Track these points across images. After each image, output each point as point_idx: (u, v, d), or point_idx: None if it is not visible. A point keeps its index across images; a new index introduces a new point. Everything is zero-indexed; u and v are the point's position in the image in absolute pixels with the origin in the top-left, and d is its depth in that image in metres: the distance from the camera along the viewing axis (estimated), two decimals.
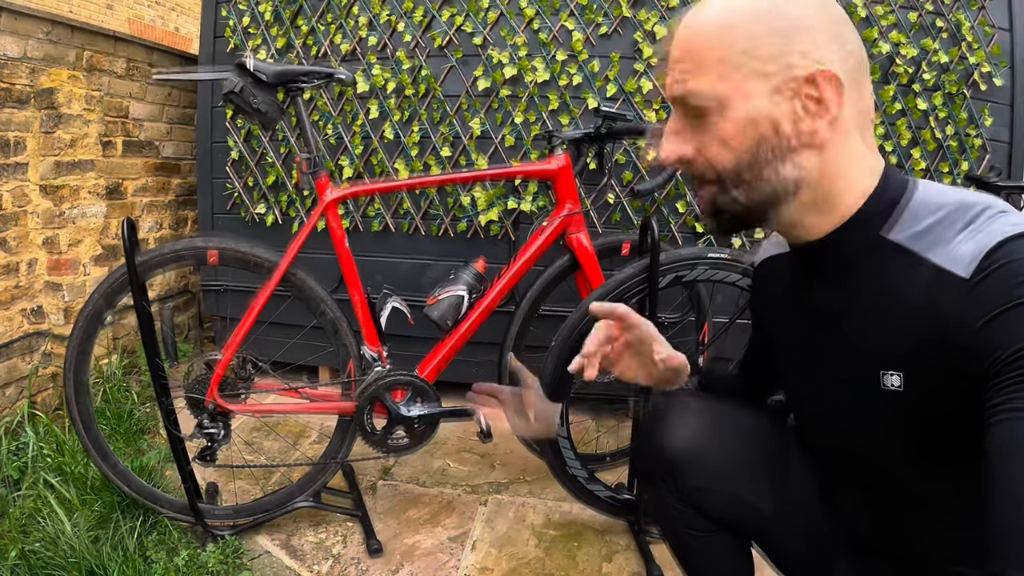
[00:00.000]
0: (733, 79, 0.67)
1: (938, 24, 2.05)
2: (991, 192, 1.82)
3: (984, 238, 0.61)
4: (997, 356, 0.56)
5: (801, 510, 0.91)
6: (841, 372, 0.76)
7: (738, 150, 0.69)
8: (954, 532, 0.73)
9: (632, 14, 2.08)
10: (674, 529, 0.97)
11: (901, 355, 0.68)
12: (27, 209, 2.03)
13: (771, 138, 0.68)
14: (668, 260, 1.48)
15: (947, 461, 0.70)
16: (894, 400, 0.70)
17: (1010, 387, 0.55)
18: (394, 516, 1.72)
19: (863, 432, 0.76)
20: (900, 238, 0.68)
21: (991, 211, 0.64)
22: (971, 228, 0.63)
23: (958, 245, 0.63)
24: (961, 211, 0.65)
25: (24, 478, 1.71)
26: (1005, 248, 0.59)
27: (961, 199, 0.66)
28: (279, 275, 1.52)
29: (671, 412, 0.95)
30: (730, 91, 0.67)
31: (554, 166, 1.67)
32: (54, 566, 1.38)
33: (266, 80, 1.47)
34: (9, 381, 1.99)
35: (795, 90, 0.66)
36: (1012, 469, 0.52)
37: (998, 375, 0.56)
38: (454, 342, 1.66)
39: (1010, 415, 0.54)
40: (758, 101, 0.67)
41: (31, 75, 2.00)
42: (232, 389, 1.56)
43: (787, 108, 0.67)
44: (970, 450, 0.59)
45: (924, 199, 0.69)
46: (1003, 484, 0.53)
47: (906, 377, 0.68)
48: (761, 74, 0.66)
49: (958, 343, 0.60)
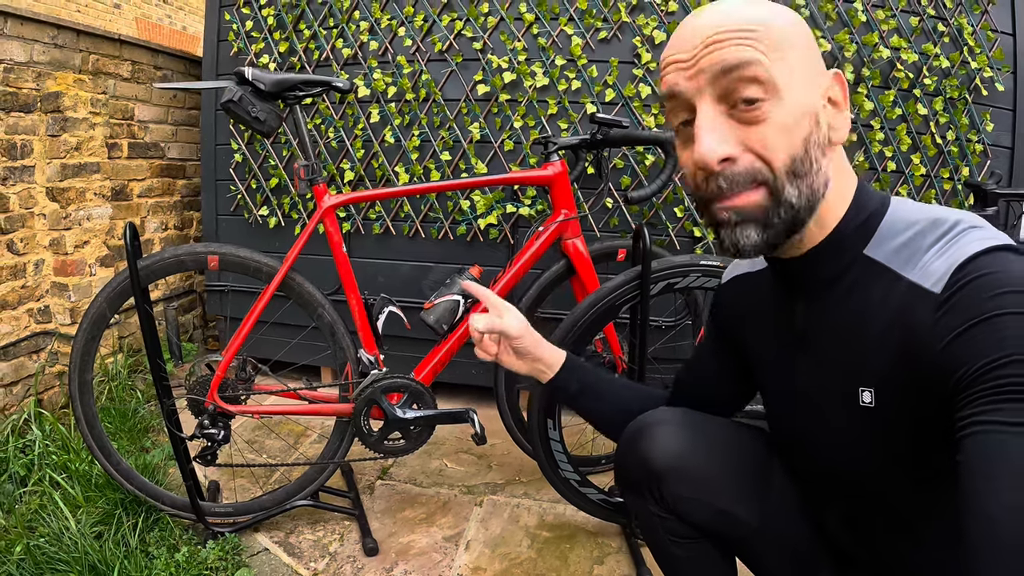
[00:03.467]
0: (789, 65, 0.65)
1: (939, 28, 2.05)
2: (990, 199, 1.82)
3: (954, 253, 0.62)
4: (966, 370, 0.56)
5: (783, 523, 0.91)
6: (821, 390, 0.77)
7: (795, 140, 0.66)
8: (935, 548, 0.74)
9: (631, 19, 2.09)
10: (657, 537, 0.97)
11: (875, 371, 0.69)
12: (34, 211, 2.07)
13: (816, 131, 0.67)
14: (661, 267, 1.49)
15: (925, 477, 0.70)
16: (868, 416, 0.70)
17: (978, 400, 0.54)
18: (391, 516, 1.75)
19: (843, 449, 0.77)
20: (879, 255, 0.69)
21: (961, 226, 0.64)
22: (942, 243, 0.64)
23: (930, 261, 0.64)
24: (933, 227, 0.66)
25: (30, 475, 1.75)
26: (975, 263, 0.60)
27: (934, 215, 0.67)
28: (278, 281, 1.55)
29: (655, 422, 0.96)
30: (786, 75, 0.65)
31: (550, 172, 1.69)
32: (58, 561, 1.42)
33: (264, 89, 1.49)
34: (16, 380, 2.03)
35: (824, 87, 0.69)
36: (980, 485, 0.52)
37: (967, 389, 0.56)
38: (450, 346, 1.68)
39: (978, 428, 0.54)
40: (807, 92, 0.67)
41: (37, 79, 2.03)
42: (232, 391, 1.59)
43: (821, 102, 0.68)
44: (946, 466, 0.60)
45: (898, 215, 0.70)
46: (973, 501, 0.52)
47: (877, 394, 0.69)
48: (808, 66, 0.68)
49: (928, 358, 0.61)
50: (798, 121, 0.66)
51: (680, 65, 0.68)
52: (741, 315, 0.92)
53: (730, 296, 0.95)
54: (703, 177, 0.69)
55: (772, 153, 0.65)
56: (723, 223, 0.70)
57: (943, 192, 2.12)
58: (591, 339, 1.61)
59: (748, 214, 0.68)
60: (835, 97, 0.69)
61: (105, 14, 7.14)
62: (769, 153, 0.66)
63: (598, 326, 1.53)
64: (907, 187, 2.10)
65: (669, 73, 0.69)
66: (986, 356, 0.55)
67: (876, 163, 2.09)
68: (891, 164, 2.10)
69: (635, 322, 1.53)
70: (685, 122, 0.71)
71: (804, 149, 0.66)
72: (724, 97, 0.66)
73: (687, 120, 0.70)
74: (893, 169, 2.10)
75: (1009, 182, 2.13)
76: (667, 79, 0.70)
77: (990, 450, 0.52)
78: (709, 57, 0.65)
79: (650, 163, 2.11)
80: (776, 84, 0.64)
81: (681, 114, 0.70)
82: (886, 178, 2.10)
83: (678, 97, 0.69)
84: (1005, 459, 0.51)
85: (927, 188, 2.12)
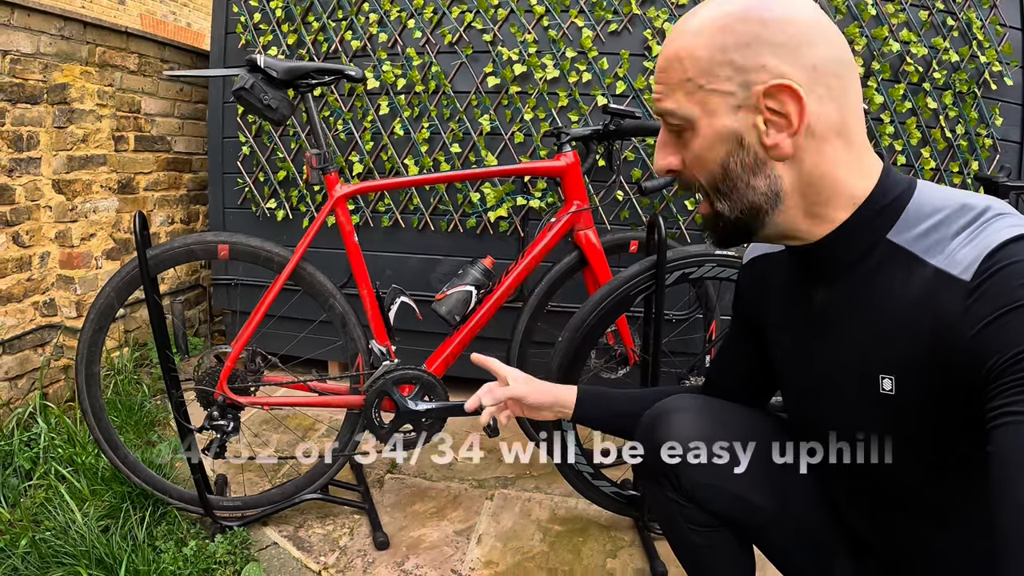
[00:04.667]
0: (697, 98, 0.69)
1: (949, 23, 2.04)
2: (1000, 193, 1.81)
3: (984, 240, 0.61)
4: (997, 359, 0.56)
5: (800, 510, 0.91)
6: (839, 375, 0.76)
7: (710, 165, 0.71)
8: (955, 536, 0.73)
9: (642, 11, 2.08)
10: (675, 525, 0.97)
11: (897, 358, 0.68)
12: (40, 203, 2.05)
13: (738, 153, 0.69)
14: (675, 257, 1.48)
15: (945, 465, 0.70)
16: (889, 403, 0.70)
17: (1011, 390, 0.54)
18: (401, 509, 1.73)
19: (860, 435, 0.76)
20: (902, 240, 0.68)
21: (990, 213, 0.64)
22: (970, 230, 0.63)
23: (958, 248, 0.63)
24: (961, 213, 0.65)
25: (36, 469, 1.73)
26: (1005, 251, 0.59)
27: (961, 201, 0.66)
28: (289, 270, 1.53)
29: (673, 409, 0.95)
30: (696, 110, 0.69)
31: (562, 164, 1.68)
32: (64, 555, 1.40)
33: (276, 77, 1.48)
34: (22, 373, 2.01)
35: (756, 106, 0.67)
36: (1013, 474, 0.52)
37: (998, 378, 0.55)
38: (462, 337, 1.67)
39: (1012, 418, 0.53)
40: (723, 118, 0.68)
41: (44, 71, 2.02)
42: (241, 382, 1.58)
43: (751, 123, 0.68)
44: (968, 454, 0.59)
45: (924, 200, 0.69)
46: (1005, 489, 0.52)
47: (898, 381, 0.69)
48: (722, 92, 0.67)
49: (958, 346, 0.60)
50: (712, 146, 0.70)
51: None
52: (760, 298, 0.92)
53: (749, 280, 0.95)
54: None
55: (696, 173, 0.73)
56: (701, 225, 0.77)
57: (952, 186, 2.11)
58: (603, 331, 1.60)
59: (705, 221, 0.78)
60: (780, 109, 0.66)
61: (110, 10, 7.14)
62: (695, 172, 0.74)
63: (611, 317, 1.52)
64: None
65: None
66: (1018, 345, 0.55)
67: (886, 157, 2.09)
68: (901, 158, 2.10)
69: (649, 313, 1.52)
70: None
71: (723, 171, 0.71)
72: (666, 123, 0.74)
73: None
74: (903, 163, 2.10)
75: (1019, 175, 2.13)
76: None
77: (1022, 440, 0.52)
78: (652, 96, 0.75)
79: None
80: (688, 118, 0.70)
81: None
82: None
83: None
84: None
85: (937, 182, 2.11)
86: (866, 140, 0.71)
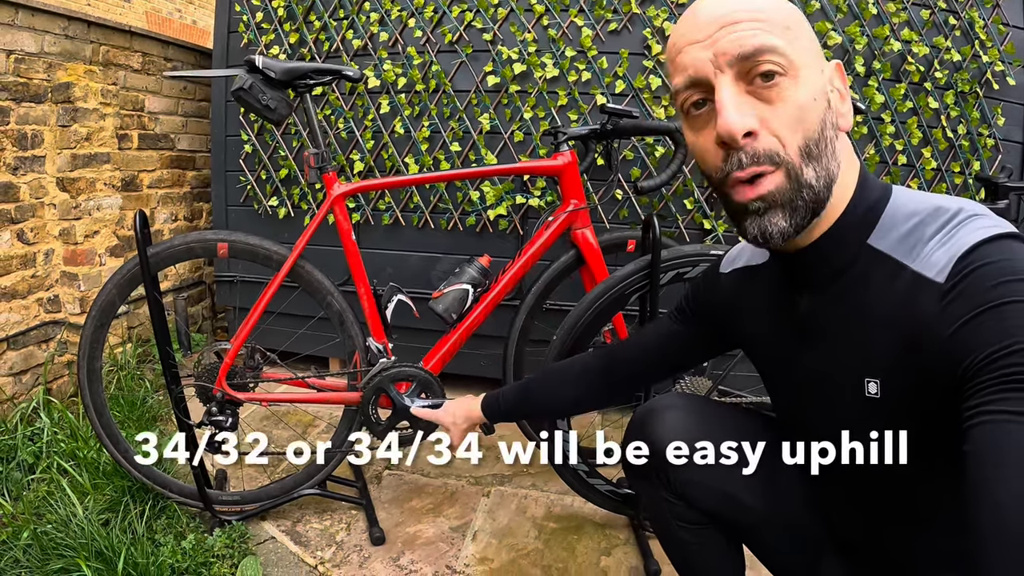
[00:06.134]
0: (799, 48, 0.66)
1: (951, 22, 2.03)
2: (1000, 193, 1.81)
3: (957, 243, 0.62)
4: (972, 359, 0.56)
5: (788, 508, 0.92)
6: (826, 380, 0.77)
7: (810, 118, 0.65)
8: (940, 537, 0.74)
9: (641, 11, 2.08)
10: (665, 522, 0.98)
11: (881, 362, 0.69)
12: (44, 201, 2.07)
13: (829, 114, 0.68)
14: (670, 257, 1.49)
15: (931, 467, 0.70)
16: (875, 407, 0.70)
17: (985, 389, 0.54)
18: (398, 505, 1.75)
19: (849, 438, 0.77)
20: (882, 245, 0.69)
21: (963, 215, 0.64)
22: (944, 232, 0.64)
23: (932, 250, 0.64)
24: (935, 216, 0.66)
25: (38, 463, 1.75)
26: (978, 252, 0.60)
27: (935, 204, 0.67)
28: (287, 268, 1.55)
29: (663, 407, 0.96)
30: (800, 55, 0.66)
31: (559, 163, 1.68)
32: (65, 547, 1.42)
33: (275, 77, 1.49)
34: (25, 368, 2.04)
35: (829, 74, 0.69)
36: (989, 473, 0.52)
37: (974, 377, 0.56)
38: (459, 335, 1.68)
39: (986, 417, 0.54)
40: (819, 76, 0.68)
41: (48, 70, 2.04)
42: (240, 379, 1.59)
43: (828, 87, 0.69)
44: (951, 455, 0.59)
45: (899, 205, 0.70)
46: (982, 489, 0.52)
47: (882, 385, 0.69)
48: (814, 52, 0.68)
49: (934, 348, 0.61)
50: (814, 100, 0.66)
51: (698, 45, 0.67)
52: (738, 306, 0.91)
53: (729, 286, 0.93)
54: (723, 155, 0.68)
55: (789, 133, 0.65)
56: (749, 212, 0.69)
57: (954, 186, 2.11)
58: (600, 329, 1.61)
59: (773, 200, 0.67)
60: (837, 85, 0.70)
61: (115, 7, 7.18)
62: (786, 133, 0.65)
63: (606, 316, 1.52)
64: (918, 181, 2.09)
65: (686, 53, 0.68)
66: (992, 345, 0.55)
67: (887, 156, 2.08)
68: (902, 158, 2.09)
69: (644, 312, 1.53)
70: (697, 103, 0.69)
71: (820, 130, 0.66)
72: (743, 75, 0.65)
73: (699, 101, 0.69)
74: (904, 163, 2.09)
75: (1020, 176, 2.11)
76: (683, 60, 0.69)
77: (998, 439, 0.52)
78: (728, 38, 0.65)
79: (660, 155, 2.11)
80: (794, 62, 0.65)
81: (694, 95, 0.69)
82: (897, 171, 2.09)
83: (694, 76, 0.68)
84: (1013, 447, 0.51)
85: (938, 182, 2.10)
86: None
